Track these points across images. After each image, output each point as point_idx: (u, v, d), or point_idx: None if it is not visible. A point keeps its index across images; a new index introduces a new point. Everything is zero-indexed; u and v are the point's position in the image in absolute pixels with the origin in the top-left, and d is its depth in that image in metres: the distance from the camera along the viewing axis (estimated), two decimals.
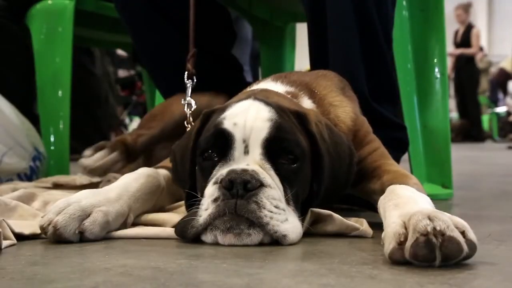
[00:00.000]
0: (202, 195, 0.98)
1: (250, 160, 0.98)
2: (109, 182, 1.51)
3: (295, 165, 1.00)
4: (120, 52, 6.69)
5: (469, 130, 9.44)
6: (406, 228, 0.80)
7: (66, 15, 2.40)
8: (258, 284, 0.69)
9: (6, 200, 1.14)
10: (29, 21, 2.53)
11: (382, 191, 1.04)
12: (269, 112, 1.01)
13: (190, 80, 1.53)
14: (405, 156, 1.72)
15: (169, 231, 1.03)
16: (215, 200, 0.93)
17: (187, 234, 0.96)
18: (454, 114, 10.32)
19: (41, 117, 2.39)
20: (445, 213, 0.81)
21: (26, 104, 2.49)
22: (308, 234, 1.03)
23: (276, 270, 0.77)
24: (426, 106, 1.87)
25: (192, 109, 1.46)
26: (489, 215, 1.38)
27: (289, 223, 0.94)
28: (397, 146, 1.53)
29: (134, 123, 6.77)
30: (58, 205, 0.98)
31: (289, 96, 1.18)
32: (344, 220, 1.04)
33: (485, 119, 11.33)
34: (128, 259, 0.84)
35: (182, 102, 1.48)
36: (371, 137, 1.28)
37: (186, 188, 1.08)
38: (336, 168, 1.06)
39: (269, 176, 0.96)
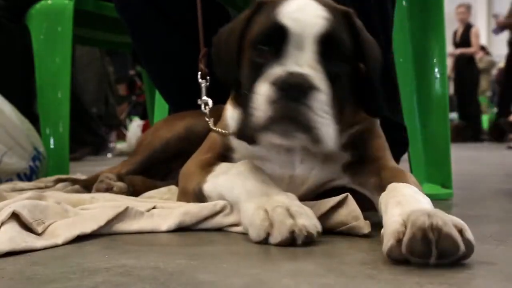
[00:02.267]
0: (248, 89, 1.00)
1: (304, 58, 0.99)
2: (101, 182, 1.50)
3: (343, 67, 1.04)
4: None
5: (465, 131, 9.43)
6: (405, 227, 0.80)
7: (65, 15, 2.40)
8: (258, 284, 0.69)
9: (36, 201, 1.12)
10: (28, 21, 2.53)
11: (380, 187, 1.04)
12: (325, 12, 1.02)
13: (204, 80, 1.51)
14: (405, 156, 1.72)
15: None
16: (270, 101, 0.95)
17: (248, 136, 1.01)
18: (454, 114, 10.31)
19: (41, 117, 2.39)
20: (445, 213, 0.82)
21: (26, 104, 2.49)
22: None
23: (276, 270, 0.77)
24: (426, 106, 1.87)
25: (210, 107, 1.43)
26: (489, 215, 1.38)
27: (330, 129, 0.98)
28: (397, 146, 1.52)
29: (134, 123, 6.77)
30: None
31: None
32: (357, 206, 1.04)
33: (485, 119, 11.32)
34: (127, 259, 0.84)
35: (199, 102, 1.46)
36: (377, 125, 1.28)
37: (231, 80, 1.11)
38: (375, 63, 1.12)
39: (320, 79, 0.98)
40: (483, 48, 11.38)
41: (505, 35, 9.19)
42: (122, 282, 0.71)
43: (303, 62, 0.99)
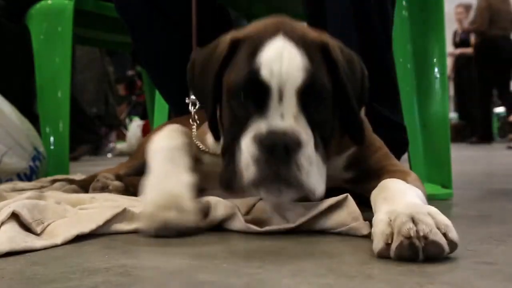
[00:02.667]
0: (231, 139, 1.02)
1: (285, 110, 0.99)
2: (98, 181, 1.51)
3: (324, 111, 1.04)
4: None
5: (464, 131, 9.44)
6: (392, 227, 0.84)
7: (65, 15, 2.40)
8: (258, 284, 0.69)
9: (36, 201, 1.13)
10: (28, 21, 2.53)
11: None
12: (302, 58, 1.01)
13: None
14: (405, 156, 1.72)
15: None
16: (257, 160, 0.95)
17: (234, 188, 1.00)
18: (453, 114, 10.31)
19: (41, 117, 2.39)
20: (429, 210, 0.84)
21: (26, 104, 2.49)
22: (308, 234, 1.03)
23: (275, 270, 0.77)
24: (426, 106, 1.87)
25: (197, 108, 1.44)
26: (489, 215, 1.38)
27: (318, 177, 0.99)
28: (397, 146, 1.53)
29: (134, 123, 6.77)
30: None
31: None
32: (356, 207, 1.05)
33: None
34: (127, 259, 0.84)
35: (187, 101, 1.47)
36: (373, 137, 1.28)
37: (209, 115, 1.13)
38: (353, 88, 1.10)
39: (304, 132, 0.98)
40: None
41: None
42: (122, 282, 0.71)
43: (285, 114, 0.98)
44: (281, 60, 1.00)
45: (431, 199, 0.98)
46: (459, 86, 9.69)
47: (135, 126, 6.57)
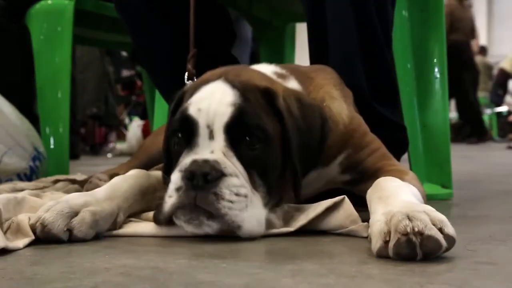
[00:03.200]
0: (168, 176, 1.02)
1: (214, 146, 0.99)
2: (91, 183, 1.51)
3: (260, 149, 1.01)
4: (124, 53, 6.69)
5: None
6: (388, 226, 0.84)
7: (65, 15, 2.40)
8: (258, 284, 0.69)
9: (13, 195, 1.14)
10: (28, 21, 2.53)
11: None
12: (234, 96, 1.02)
13: (190, 81, 1.52)
14: (405, 156, 1.72)
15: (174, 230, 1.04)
16: (178, 189, 0.96)
17: (160, 221, 1.01)
18: (453, 114, 10.31)
19: (41, 117, 2.39)
20: (424, 208, 0.85)
21: (27, 105, 2.49)
22: (307, 234, 1.03)
23: (275, 270, 0.77)
24: (425, 106, 1.87)
25: None
26: (489, 215, 1.38)
27: (248, 212, 0.96)
28: (397, 146, 1.53)
29: (134, 123, 6.77)
30: (47, 203, 1.00)
31: (275, 76, 1.18)
32: (354, 209, 1.05)
33: (485, 119, 11.32)
34: (127, 259, 0.84)
35: None
36: (369, 137, 1.28)
37: (164, 170, 1.13)
38: (306, 142, 1.07)
39: (231, 164, 0.97)
40: (482, 49, 11.37)
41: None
42: (122, 282, 0.71)
43: (215, 150, 0.99)
44: (211, 98, 1.02)
45: (431, 199, 0.98)
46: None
47: (135, 126, 6.57)
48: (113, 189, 1.09)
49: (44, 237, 0.97)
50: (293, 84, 1.19)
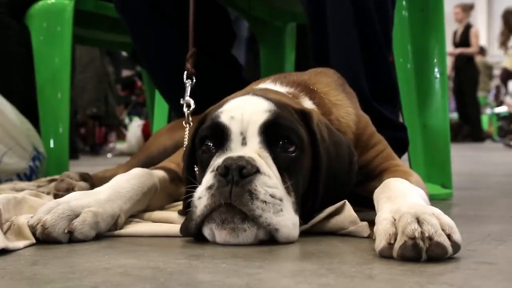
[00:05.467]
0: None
1: (248, 150, 0.96)
2: (62, 181, 1.48)
3: (294, 153, 0.98)
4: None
5: (462, 130, 9.48)
6: (395, 227, 0.83)
7: (65, 15, 2.40)
8: (258, 284, 0.69)
9: (13, 195, 1.14)
10: (28, 21, 2.53)
11: None
12: (268, 105, 1.00)
13: (189, 80, 1.52)
14: (405, 156, 1.72)
15: (176, 228, 1.02)
16: (210, 187, 0.91)
17: (190, 230, 0.95)
18: (453, 114, 10.32)
19: (41, 117, 2.39)
20: (433, 211, 0.84)
21: (29, 104, 2.48)
22: (307, 234, 1.03)
23: (275, 270, 0.77)
24: (425, 106, 1.87)
25: (191, 109, 1.46)
26: (489, 215, 1.38)
27: (283, 215, 0.92)
28: (397, 146, 1.53)
29: (134, 123, 6.77)
30: (48, 205, 0.99)
31: (290, 96, 1.17)
32: (353, 211, 1.04)
33: (485, 119, 11.32)
34: (127, 259, 0.84)
35: (181, 102, 1.48)
36: (376, 139, 1.28)
37: (184, 185, 1.08)
38: (335, 168, 1.06)
39: (266, 164, 0.94)
40: (481, 50, 11.37)
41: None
42: (121, 282, 0.70)
43: (248, 151, 0.96)
44: (244, 107, 0.99)
45: (431, 199, 0.98)
46: (458, 86, 9.69)
47: (135, 126, 6.58)
48: (115, 190, 1.09)
49: (43, 239, 0.96)
50: (306, 103, 1.18)
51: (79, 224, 0.97)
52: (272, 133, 0.97)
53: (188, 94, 1.50)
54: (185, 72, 1.53)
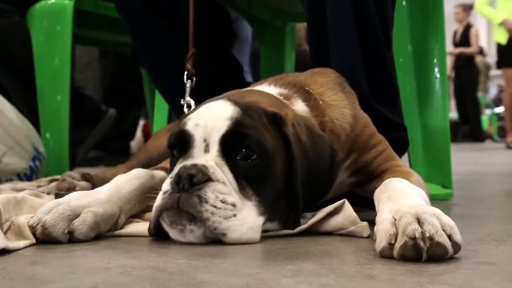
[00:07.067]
0: None
1: (208, 157, 0.99)
2: (64, 181, 1.50)
3: (255, 161, 0.98)
4: None
5: (461, 129, 9.49)
6: (396, 227, 0.83)
7: (65, 15, 2.40)
8: (258, 284, 0.69)
9: (13, 195, 1.15)
10: (28, 21, 2.53)
11: None
12: (233, 111, 1.01)
13: (189, 80, 1.52)
14: (405, 156, 1.72)
15: None
16: (165, 193, 0.96)
17: (150, 230, 1.01)
18: (453, 114, 10.32)
19: (41, 118, 2.39)
20: (434, 211, 0.84)
21: (31, 104, 2.48)
22: (307, 234, 1.03)
23: (275, 270, 0.77)
24: (426, 106, 1.87)
25: (192, 108, 1.45)
26: (489, 215, 1.38)
27: (236, 220, 0.94)
28: (397, 146, 1.53)
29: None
30: (48, 205, 0.99)
31: (282, 98, 1.17)
32: (353, 211, 1.04)
33: (485, 119, 11.32)
34: (127, 259, 0.84)
35: (182, 102, 1.48)
36: (376, 139, 1.27)
37: None
38: (316, 168, 1.05)
39: (220, 171, 0.97)
40: (480, 50, 11.37)
41: None
42: (122, 282, 0.71)
43: (208, 158, 0.98)
44: (209, 114, 1.01)
45: (431, 199, 0.98)
46: (458, 86, 9.70)
47: None
48: (116, 190, 1.09)
49: (43, 239, 0.97)
50: (299, 105, 1.17)
51: (79, 224, 0.98)
52: (232, 142, 0.99)
53: (188, 94, 1.50)
54: (185, 73, 1.53)
